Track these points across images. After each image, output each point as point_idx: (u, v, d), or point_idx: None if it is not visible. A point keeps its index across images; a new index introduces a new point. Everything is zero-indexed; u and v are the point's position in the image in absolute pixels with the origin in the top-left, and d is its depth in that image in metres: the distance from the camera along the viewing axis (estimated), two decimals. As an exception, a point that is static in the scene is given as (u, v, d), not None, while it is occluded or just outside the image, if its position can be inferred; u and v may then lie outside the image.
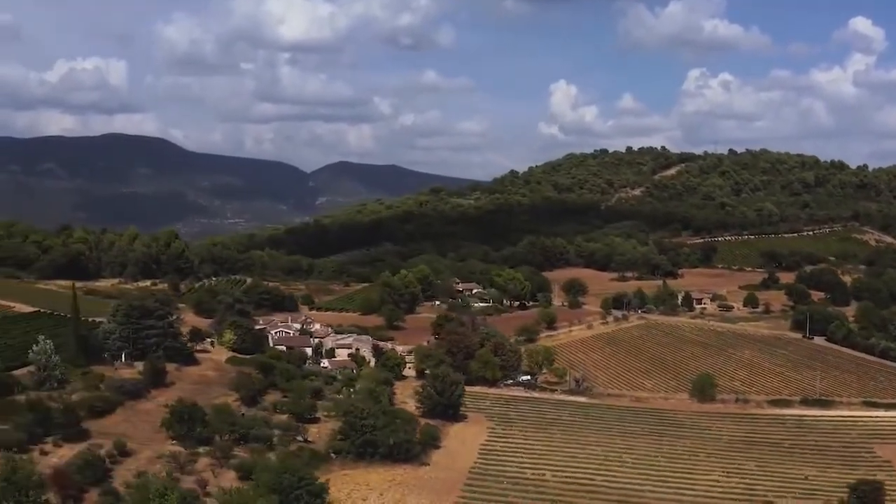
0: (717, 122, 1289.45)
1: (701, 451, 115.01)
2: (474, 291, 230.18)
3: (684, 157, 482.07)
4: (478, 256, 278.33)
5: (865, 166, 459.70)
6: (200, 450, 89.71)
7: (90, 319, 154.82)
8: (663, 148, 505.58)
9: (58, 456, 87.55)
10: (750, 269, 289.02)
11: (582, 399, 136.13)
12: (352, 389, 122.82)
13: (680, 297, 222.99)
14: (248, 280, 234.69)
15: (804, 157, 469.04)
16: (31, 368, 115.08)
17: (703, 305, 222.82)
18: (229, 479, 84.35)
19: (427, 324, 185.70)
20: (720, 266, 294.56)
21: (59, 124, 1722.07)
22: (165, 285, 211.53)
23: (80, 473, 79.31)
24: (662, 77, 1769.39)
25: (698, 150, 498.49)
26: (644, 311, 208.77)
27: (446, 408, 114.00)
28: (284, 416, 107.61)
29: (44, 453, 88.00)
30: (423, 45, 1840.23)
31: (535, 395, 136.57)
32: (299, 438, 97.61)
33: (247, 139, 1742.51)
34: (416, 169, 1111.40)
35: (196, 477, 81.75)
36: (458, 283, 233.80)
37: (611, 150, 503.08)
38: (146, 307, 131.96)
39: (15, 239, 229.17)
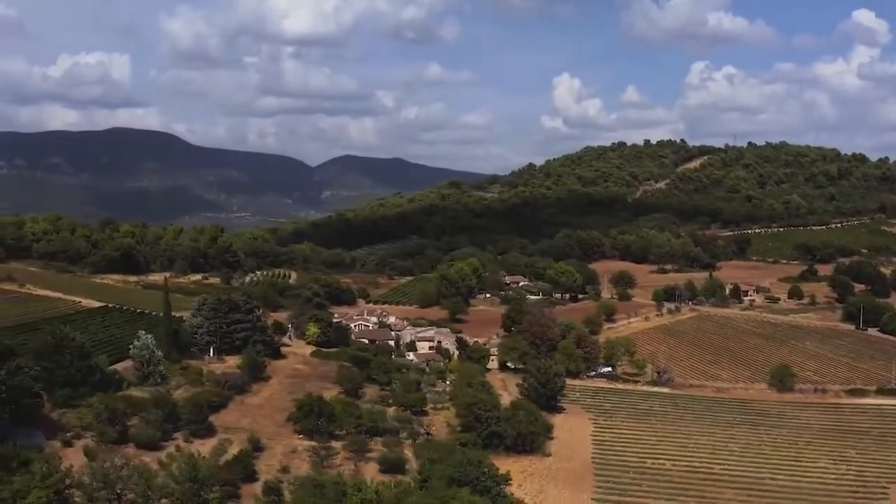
0: (720, 115, 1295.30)
1: (799, 439, 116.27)
2: (521, 284, 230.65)
3: (704, 150, 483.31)
4: (515, 249, 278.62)
5: (887, 158, 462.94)
6: (334, 444, 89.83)
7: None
8: (682, 141, 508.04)
9: (194, 452, 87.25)
10: (785, 261, 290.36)
11: (665, 390, 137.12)
12: (447, 382, 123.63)
13: (728, 290, 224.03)
14: (293, 274, 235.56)
15: (824, 150, 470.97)
16: (130, 363, 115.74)
17: (751, 297, 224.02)
18: (371, 472, 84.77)
19: (486, 316, 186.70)
20: (755, 258, 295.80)
21: (61, 119, 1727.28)
22: (217, 279, 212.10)
23: (231, 470, 79.38)
24: (666, 70, 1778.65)
25: (710, 143, 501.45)
26: (695, 303, 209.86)
27: (548, 399, 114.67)
28: (392, 409, 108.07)
29: (178, 449, 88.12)
30: (427, 39, 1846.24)
31: (619, 386, 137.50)
32: (422, 430, 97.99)
33: (250, 133, 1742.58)
34: (421, 162, 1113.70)
35: (346, 471, 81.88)
36: (505, 276, 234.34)
37: (629, 143, 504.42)
38: (233, 302, 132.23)
39: (62, 233, 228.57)
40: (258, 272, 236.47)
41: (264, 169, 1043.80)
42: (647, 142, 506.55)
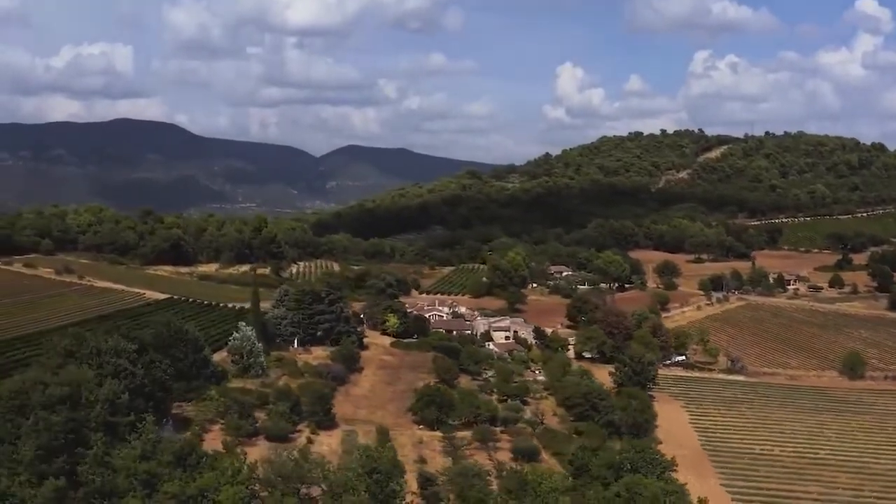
0: (723, 104, 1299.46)
1: (887, 425, 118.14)
2: (564, 274, 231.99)
3: (722, 140, 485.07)
4: (551, 239, 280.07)
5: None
6: (458, 434, 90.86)
7: (232, 305, 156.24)
8: (700, 130, 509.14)
9: (325, 444, 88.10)
10: (817, 250, 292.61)
11: (741, 378, 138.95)
12: (535, 371, 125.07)
13: (772, 279, 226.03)
14: (335, 264, 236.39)
15: (843, 140, 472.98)
16: (225, 355, 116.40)
17: (794, 287, 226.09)
18: (505, 460, 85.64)
19: (542, 306, 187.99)
20: (786, 248, 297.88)
21: (64, 110, 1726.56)
22: (267, 269, 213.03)
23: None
24: (669, 59, 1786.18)
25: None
26: (741, 293, 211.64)
27: (640, 387, 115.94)
28: (493, 398, 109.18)
29: (310, 441, 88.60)
30: (431, 28, 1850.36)
31: (696, 374, 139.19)
32: (537, 419, 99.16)
33: (252, 123, 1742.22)
34: (426, 152, 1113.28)
35: (483, 460, 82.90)
36: (549, 266, 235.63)
37: (645, 133, 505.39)
38: (316, 293, 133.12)
39: (105, 224, 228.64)
40: (300, 263, 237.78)
41: (268, 159, 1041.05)
42: (663, 131, 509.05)
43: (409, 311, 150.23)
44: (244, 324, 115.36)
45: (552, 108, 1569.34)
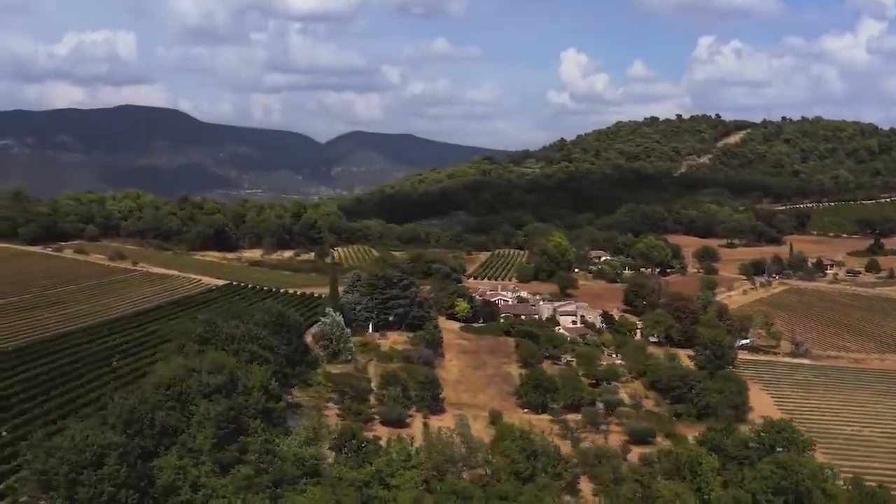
0: (727, 90, 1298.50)
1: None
2: (602, 259, 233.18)
3: (740, 125, 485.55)
4: (582, 224, 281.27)
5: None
6: (567, 418, 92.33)
7: (293, 291, 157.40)
8: (717, 115, 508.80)
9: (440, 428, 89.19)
10: (846, 235, 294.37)
11: (806, 361, 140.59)
12: (613, 354, 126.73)
13: (810, 263, 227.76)
14: (374, 250, 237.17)
15: (861, 125, 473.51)
16: (310, 340, 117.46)
17: (833, 271, 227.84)
18: (617, 443, 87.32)
19: (591, 290, 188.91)
20: (815, 232, 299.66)
21: (67, 96, 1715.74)
22: (308, 255, 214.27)
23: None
24: (673, 45, 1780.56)
25: (752, 119, 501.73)
26: (782, 277, 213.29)
27: (721, 370, 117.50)
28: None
29: (426, 426, 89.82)
30: (434, 14, 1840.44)
31: (763, 357, 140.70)
32: (638, 402, 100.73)
33: (256, 109, 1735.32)
34: (431, 138, 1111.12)
35: (601, 443, 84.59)
36: (589, 251, 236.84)
37: (661, 118, 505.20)
38: (389, 278, 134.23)
39: (146, 210, 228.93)
40: (337, 248, 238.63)
41: (273, 145, 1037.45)
42: (679, 116, 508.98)
43: (474, 295, 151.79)
44: (331, 310, 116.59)
45: (556, 94, 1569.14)
